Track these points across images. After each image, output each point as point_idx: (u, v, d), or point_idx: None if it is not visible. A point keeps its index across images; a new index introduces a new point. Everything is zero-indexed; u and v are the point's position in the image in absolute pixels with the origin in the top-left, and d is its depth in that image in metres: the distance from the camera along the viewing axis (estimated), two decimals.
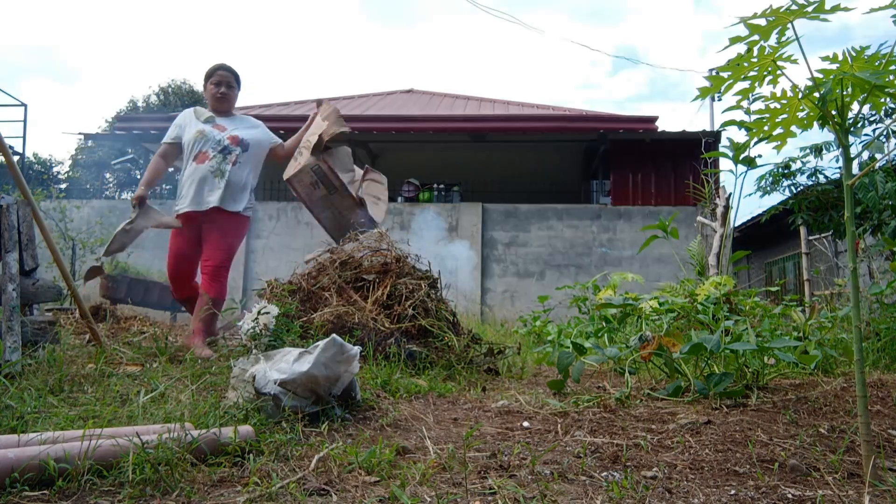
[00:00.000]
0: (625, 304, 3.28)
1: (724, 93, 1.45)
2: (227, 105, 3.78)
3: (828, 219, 5.56)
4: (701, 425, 1.85)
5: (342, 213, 3.80)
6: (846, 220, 1.35)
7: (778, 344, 2.29)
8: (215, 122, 3.69)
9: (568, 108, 13.41)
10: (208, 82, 3.76)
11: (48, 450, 1.29)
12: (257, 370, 1.95)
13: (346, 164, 3.90)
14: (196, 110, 3.77)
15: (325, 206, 3.81)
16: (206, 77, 3.78)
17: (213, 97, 3.75)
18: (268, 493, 1.25)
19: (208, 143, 3.58)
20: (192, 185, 3.54)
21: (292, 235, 10.49)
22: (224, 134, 3.63)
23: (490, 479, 1.35)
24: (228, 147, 3.59)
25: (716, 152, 3.00)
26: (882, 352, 2.99)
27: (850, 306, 1.94)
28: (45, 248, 2.95)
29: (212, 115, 3.72)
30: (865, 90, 1.33)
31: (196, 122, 3.69)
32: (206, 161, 3.54)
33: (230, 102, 3.80)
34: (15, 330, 2.53)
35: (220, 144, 3.58)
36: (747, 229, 12.68)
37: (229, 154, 3.57)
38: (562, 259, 10.24)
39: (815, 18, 1.27)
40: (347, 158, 3.94)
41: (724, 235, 5.09)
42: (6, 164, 2.84)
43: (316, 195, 3.78)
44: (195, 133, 3.60)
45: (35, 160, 23.96)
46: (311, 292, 3.25)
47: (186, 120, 3.74)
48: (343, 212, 3.79)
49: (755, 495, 1.28)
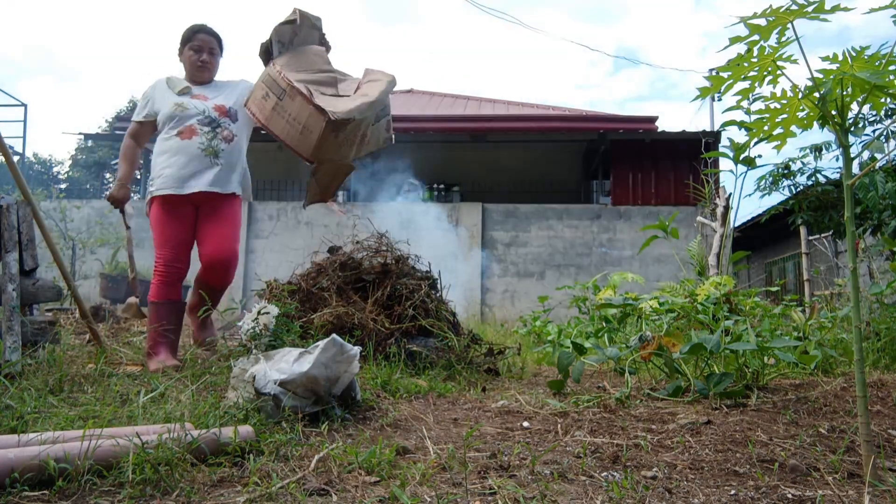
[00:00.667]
0: (625, 304, 3.28)
1: (724, 93, 1.45)
2: (207, 76, 3.27)
3: (828, 219, 5.56)
4: (701, 425, 1.85)
5: (296, 120, 2.88)
6: (846, 220, 1.35)
7: (778, 344, 2.29)
8: (192, 93, 3.18)
9: (568, 108, 13.41)
10: (186, 47, 3.23)
11: (48, 450, 1.29)
12: (257, 370, 1.95)
13: (311, 63, 3.10)
14: (169, 80, 3.25)
15: (279, 116, 2.96)
16: (184, 41, 3.24)
17: (192, 65, 3.23)
18: (268, 494, 1.25)
19: (192, 117, 3.08)
20: (176, 164, 3.04)
21: (292, 235, 10.49)
22: (208, 104, 3.13)
23: (490, 479, 1.35)
24: (217, 120, 3.10)
25: (716, 152, 3.00)
26: (882, 352, 2.99)
27: (850, 306, 1.94)
28: (45, 248, 2.95)
29: (188, 86, 3.21)
30: (865, 90, 1.33)
31: (170, 94, 3.18)
32: (195, 137, 3.05)
33: (211, 72, 3.28)
34: (15, 330, 2.53)
35: (206, 117, 3.09)
36: (747, 229, 12.68)
37: (219, 128, 3.10)
38: (562, 259, 10.25)
39: (815, 18, 1.27)
40: (316, 57, 3.15)
41: (724, 235, 5.09)
42: (6, 164, 2.84)
43: (267, 107, 2.98)
44: (172, 106, 3.10)
45: (35, 160, 23.97)
46: (311, 293, 3.25)
47: (159, 92, 3.21)
48: (296, 118, 2.88)
49: (755, 495, 1.28)
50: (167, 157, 3.07)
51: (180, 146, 3.05)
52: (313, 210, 10.63)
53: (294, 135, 2.89)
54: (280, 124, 2.92)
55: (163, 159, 3.08)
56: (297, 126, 2.88)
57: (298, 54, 3.10)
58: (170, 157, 3.06)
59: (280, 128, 2.92)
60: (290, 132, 2.90)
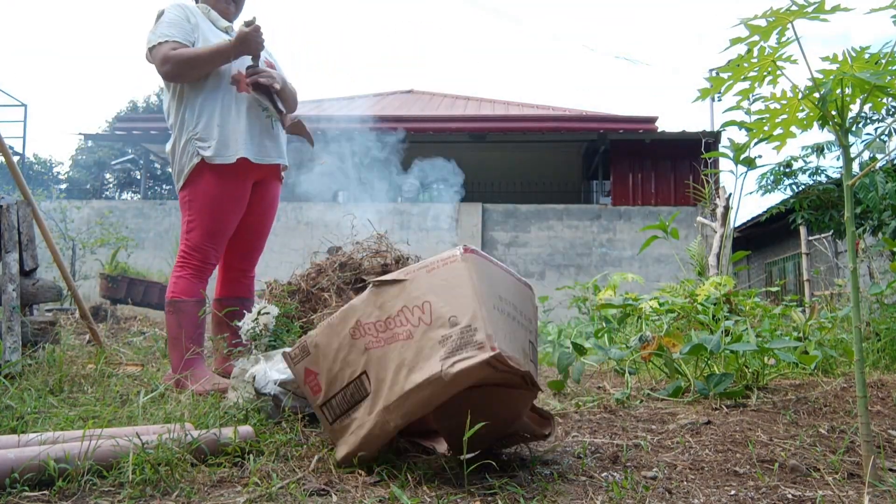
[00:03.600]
0: (625, 305, 3.28)
1: (725, 93, 1.45)
2: (234, 14, 2.65)
3: (828, 218, 5.56)
4: (701, 426, 1.85)
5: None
6: (846, 221, 1.35)
7: (778, 344, 2.29)
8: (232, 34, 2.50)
9: (568, 108, 13.42)
10: None
11: (48, 450, 1.29)
12: (257, 370, 1.95)
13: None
14: (200, 5, 2.55)
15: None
16: None
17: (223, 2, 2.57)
18: (268, 494, 1.25)
19: (241, 65, 2.44)
20: (240, 121, 2.39)
21: (292, 235, 10.50)
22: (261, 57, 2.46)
23: (490, 479, 1.35)
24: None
25: (716, 152, 3.00)
26: (882, 352, 2.99)
27: (850, 306, 1.94)
28: (46, 248, 2.96)
29: (229, 25, 2.56)
30: (865, 90, 1.33)
31: (213, 27, 2.51)
32: (250, 92, 2.44)
33: (238, 12, 2.67)
34: (15, 330, 2.53)
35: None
36: (747, 229, 12.68)
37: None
38: (562, 259, 10.25)
39: (815, 19, 1.27)
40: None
41: (724, 236, 5.09)
42: (6, 164, 2.84)
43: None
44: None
45: (35, 160, 23.99)
46: (311, 293, 3.25)
47: (200, 19, 2.48)
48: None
49: (755, 496, 1.28)
50: (228, 112, 2.39)
51: (238, 97, 2.41)
52: (313, 210, 10.64)
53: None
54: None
55: (220, 113, 2.38)
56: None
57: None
58: (223, 109, 2.38)
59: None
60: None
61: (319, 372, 1.40)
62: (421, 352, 1.28)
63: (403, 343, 1.31)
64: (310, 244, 10.22)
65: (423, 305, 1.30)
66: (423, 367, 1.26)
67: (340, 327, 1.39)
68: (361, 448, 1.35)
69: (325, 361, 1.40)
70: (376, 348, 1.34)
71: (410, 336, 1.30)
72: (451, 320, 1.27)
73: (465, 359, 1.23)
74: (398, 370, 1.30)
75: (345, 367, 1.37)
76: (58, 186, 18.98)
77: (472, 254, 1.34)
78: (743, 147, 2.75)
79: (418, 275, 1.33)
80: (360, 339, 1.36)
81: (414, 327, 1.30)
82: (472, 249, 1.34)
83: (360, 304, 1.39)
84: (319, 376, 1.41)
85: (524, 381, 1.31)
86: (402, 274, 1.35)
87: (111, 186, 24.45)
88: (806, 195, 5.74)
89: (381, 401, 1.32)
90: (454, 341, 1.25)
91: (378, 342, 1.34)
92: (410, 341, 1.30)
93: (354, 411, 1.37)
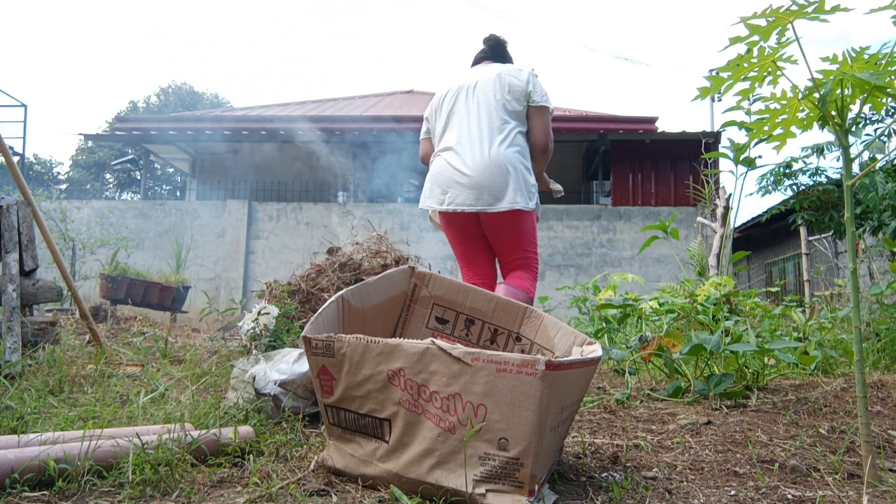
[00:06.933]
0: (625, 305, 3.28)
1: (724, 93, 1.45)
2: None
3: (828, 219, 5.57)
4: (701, 426, 1.85)
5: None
6: (846, 221, 1.35)
7: (778, 345, 2.29)
8: None
9: (568, 108, 13.42)
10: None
11: (48, 450, 1.29)
12: (257, 371, 1.95)
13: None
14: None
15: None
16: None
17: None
18: (268, 494, 1.25)
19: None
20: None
21: (292, 236, 10.49)
22: None
23: None
24: None
25: (716, 153, 3.00)
26: (882, 352, 2.99)
27: (850, 307, 1.94)
28: (46, 248, 2.96)
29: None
30: (865, 90, 1.33)
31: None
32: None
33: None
34: (15, 330, 2.53)
35: None
36: (747, 230, 12.69)
37: None
38: (562, 259, 10.25)
39: (815, 19, 1.27)
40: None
41: (724, 236, 5.09)
42: (6, 165, 2.84)
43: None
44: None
45: (35, 160, 23.99)
46: (311, 293, 3.25)
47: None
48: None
49: (755, 496, 1.28)
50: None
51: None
52: (313, 211, 10.63)
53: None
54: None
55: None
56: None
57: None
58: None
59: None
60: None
61: (337, 379, 1.31)
62: (456, 455, 1.20)
63: (443, 431, 1.21)
64: (309, 245, 10.22)
65: (477, 408, 1.19)
66: (452, 474, 1.19)
67: (379, 359, 1.27)
68: (352, 472, 1.32)
69: (348, 376, 1.30)
70: (411, 411, 1.25)
71: (452, 430, 1.20)
72: (501, 443, 1.17)
73: (499, 492, 1.16)
74: (425, 454, 1.22)
75: (368, 398, 1.29)
76: (58, 187, 18.96)
77: (556, 371, 1.15)
78: (743, 147, 2.75)
79: (485, 368, 1.18)
80: (396, 388, 1.26)
81: (461, 424, 1.20)
82: (557, 364, 1.16)
83: (411, 352, 1.25)
84: (336, 383, 1.32)
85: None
86: (468, 356, 1.20)
87: (111, 186, 24.46)
88: (806, 196, 5.74)
89: (395, 464, 1.26)
90: (495, 467, 1.17)
91: (415, 407, 1.24)
92: (450, 435, 1.20)
93: (363, 439, 1.32)
